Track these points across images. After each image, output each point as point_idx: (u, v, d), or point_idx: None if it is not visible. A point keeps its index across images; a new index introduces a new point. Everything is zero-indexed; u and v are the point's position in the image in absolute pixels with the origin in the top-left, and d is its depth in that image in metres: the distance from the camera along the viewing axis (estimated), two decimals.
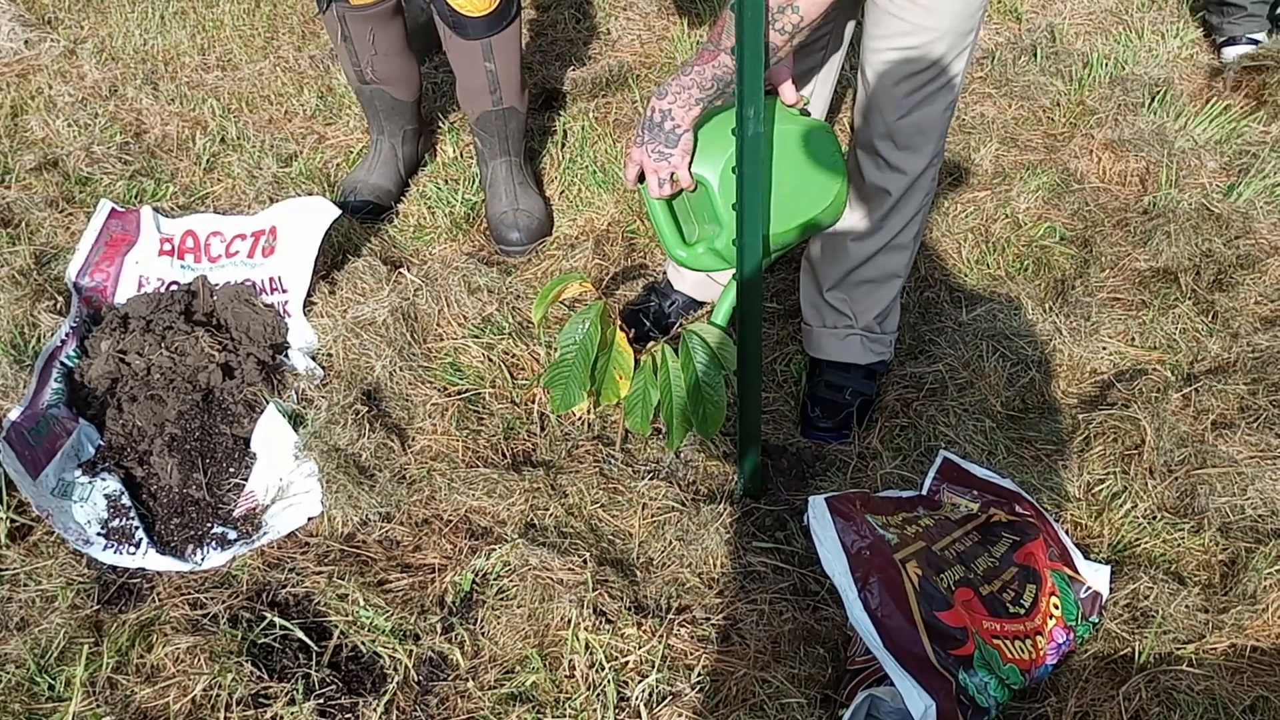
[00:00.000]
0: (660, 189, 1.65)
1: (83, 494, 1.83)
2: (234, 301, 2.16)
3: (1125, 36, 3.05)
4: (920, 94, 1.73)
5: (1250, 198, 2.44)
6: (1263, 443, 1.87)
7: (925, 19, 1.65)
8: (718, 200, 1.63)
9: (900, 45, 1.69)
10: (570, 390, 1.66)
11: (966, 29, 1.68)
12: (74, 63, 3.11)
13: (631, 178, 1.69)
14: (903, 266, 1.97)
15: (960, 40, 1.69)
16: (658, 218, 1.71)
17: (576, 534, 1.78)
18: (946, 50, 1.69)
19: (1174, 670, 1.55)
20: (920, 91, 1.73)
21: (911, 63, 1.70)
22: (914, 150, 1.80)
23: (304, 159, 2.69)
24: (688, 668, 1.60)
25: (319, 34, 3.25)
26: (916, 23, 1.66)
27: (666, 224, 1.71)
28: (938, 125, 1.79)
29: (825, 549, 1.48)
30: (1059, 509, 1.82)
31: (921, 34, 1.66)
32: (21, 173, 2.62)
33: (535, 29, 3.29)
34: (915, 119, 1.76)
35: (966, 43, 1.71)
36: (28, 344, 2.08)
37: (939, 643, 1.42)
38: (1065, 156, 2.64)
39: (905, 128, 1.77)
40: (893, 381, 2.09)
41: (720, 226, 1.65)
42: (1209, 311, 2.18)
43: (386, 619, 1.66)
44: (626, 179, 1.70)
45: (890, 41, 1.70)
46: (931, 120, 1.77)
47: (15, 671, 1.57)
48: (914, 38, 1.67)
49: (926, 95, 1.73)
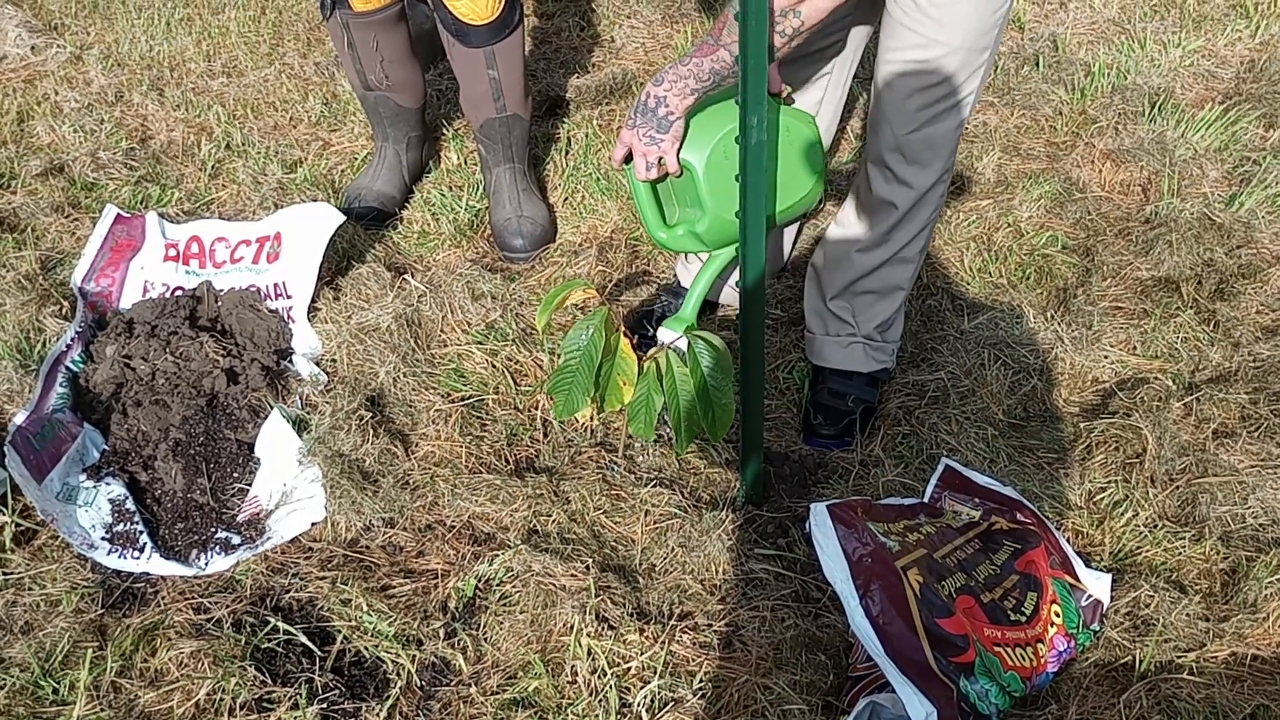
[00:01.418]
0: (647, 172, 1.68)
1: (87, 498, 1.84)
2: (239, 307, 2.16)
3: (1128, 46, 3.06)
4: (931, 110, 1.73)
5: (1252, 207, 2.45)
6: (1264, 452, 1.87)
7: (938, 32, 1.65)
8: (702, 185, 1.68)
9: (912, 58, 1.69)
10: (574, 396, 1.67)
11: (980, 46, 1.68)
12: (80, 68, 3.13)
13: (619, 158, 1.72)
14: (907, 280, 1.97)
15: (973, 58, 1.69)
16: (641, 199, 1.75)
17: (579, 540, 1.78)
18: (958, 67, 1.69)
19: (1175, 678, 1.55)
20: (931, 107, 1.73)
21: (922, 76, 1.70)
22: (923, 165, 1.80)
23: (309, 165, 2.70)
24: (690, 674, 1.60)
25: (324, 41, 3.26)
26: (929, 36, 1.66)
27: (649, 205, 1.76)
28: (947, 142, 1.79)
29: (827, 556, 1.49)
30: (1060, 517, 1.82)
31: (933, 48, 1.67)
32: (27, 178, 2.63)
33: (539, 36, 3.30)
34: (925, 134, 1.76)
35: (980, 61, 1.70)
36: (33, 349, 2.09)
37: (940, 650, 1.43)
38: (1067, 165, 2.65)
39: (914, 142, 1.77)
40: (895, 389, 2.10)
41: (702, 211, 1.71)
42: (1210, 321, 2.19)
43: (389, 624, 1.66)
44: (614, 158, 1.73)
45: (902, 54, 1.70)
46: (941, 136, 1.77)
47: (20, 675, 1.57)
48: (926, 51, 1.67)
49: (938, 111, 1.74)
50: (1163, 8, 3.27)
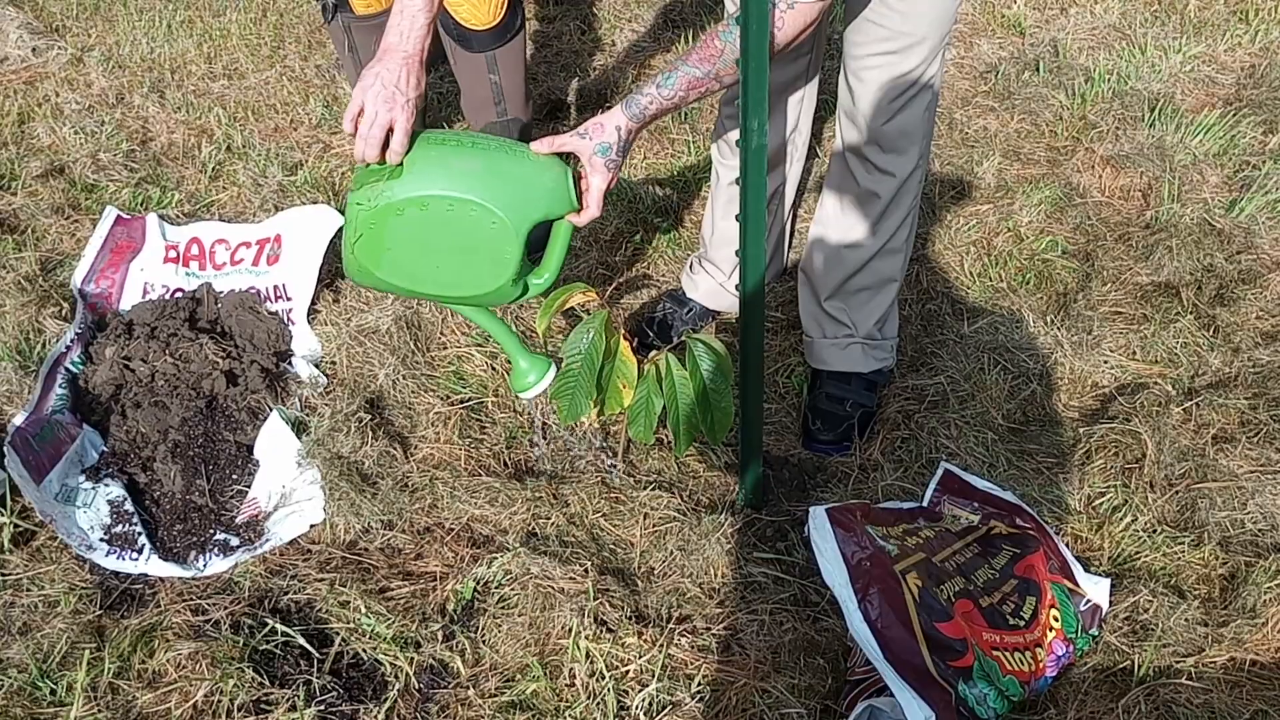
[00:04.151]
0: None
1: (86, 500, 1.84)
2: (238, 309, 2.17)
3: (1128, 51, 3.07)
4: (902, 99, 1.76)
5: (1252, 213, 2.45)
6: (1263, 457, 1.87)
7: (903, 24, 1.68)
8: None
9: (881, 50, 1.72)
10: (577, 400, 1.66)
11: (945, 32, 1.72)
12: (81, 70, 3.13)
13: None
14: (898, 270, 1.98)
15: (939, 43, 1.72)
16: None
17: (578, 543, 1.78)
18: (926, 55, 1.72)
19: (1173, 683, 1.55)
20: (901, 97, 1.76)
21: (891, 68, 1.73)
22: (900, 153, 1.82)
23: (309, 168, 2.70)
24: (688, 677, 1.60)
25: (325, 43, 3.26)
26: (895, 29, 1.69)
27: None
28: (921, 126, 1.81)
29: (825, 560, 1.48)
30: (1059, 522, 1.82)
31: (901, 39, 1.69)
32: (28, 179, 2.63)
33: (540, 41, 3.30)
34: (899, 122, 1.79)
35: (945, 43, 1.74)
36: (33, 350, 2.09)
37: (938, 654, 1.43)
38: (1067, 170, 2.65)
39: (890, 132, 1.80)
40: (894, 393, 2.10)
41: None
42: (1210, 326, 2.19)
43: (388, 626, 1.66)
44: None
45: (871, 48, 1.73)
46: (914, 122, 1.80)
47: (17, 676, 1.57)
48: (894, 43, 1.70)
49: (908, 99, 1.76)
50: (1163, 13, 3.27)
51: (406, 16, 1.55)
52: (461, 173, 1.54)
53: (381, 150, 1.54)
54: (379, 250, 1.58)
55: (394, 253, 1.58)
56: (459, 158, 1.56)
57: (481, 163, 1.55)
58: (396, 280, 1.63)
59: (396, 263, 1.60)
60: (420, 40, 1.56)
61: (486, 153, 1.57)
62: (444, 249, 1.58)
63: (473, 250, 1.58)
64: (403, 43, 1.56)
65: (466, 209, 1.54)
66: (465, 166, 1.55)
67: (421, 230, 1.56)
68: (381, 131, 1.53)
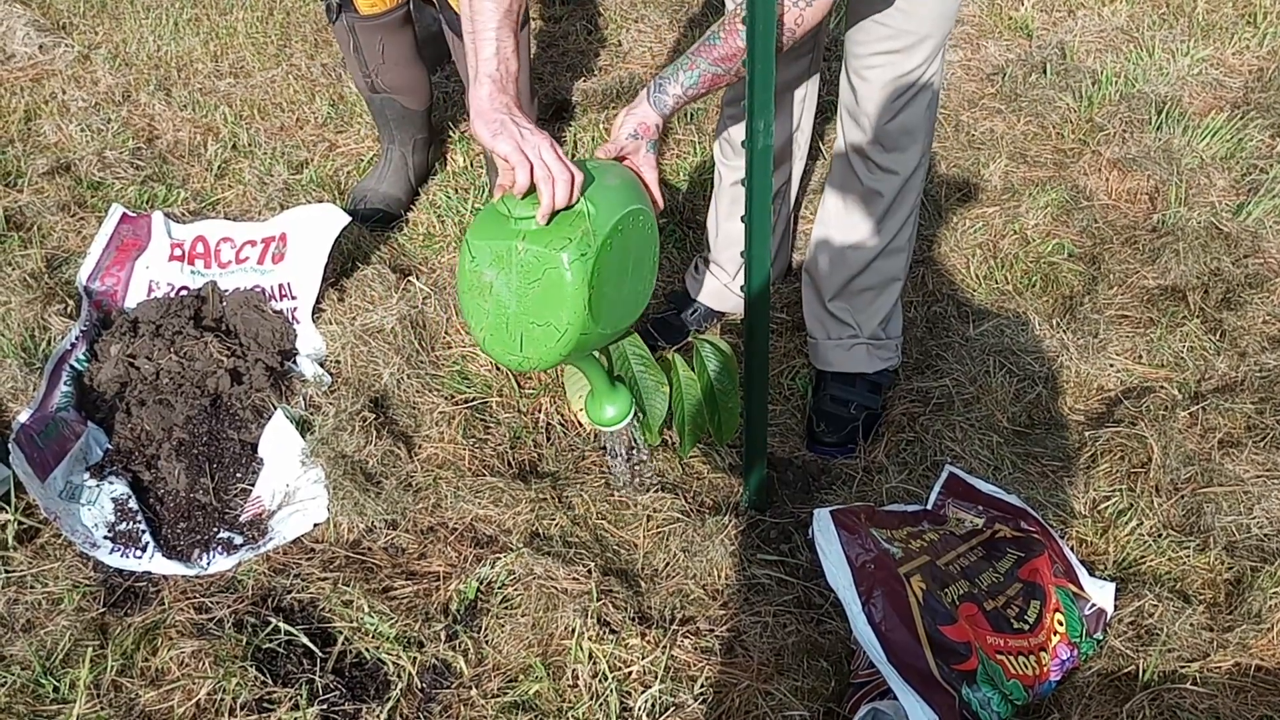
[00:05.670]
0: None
1: (90, 497, 1.84)
2: (243, 307, 2.17)
3: (1136, 54, 3.06)
4: (904, 97, 1.76)
5: (1260, 216, 2.44)
6: (1269, 462, 1.87)
7: (906, 23, 1.68)
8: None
9: (883, 49, 1.72)
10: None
11: (946, 30, 1.72)
12: (87, 68, 3.13)
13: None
14: (901, 270, 1.98)
15: (941, 41, 1.73)
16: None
17: (581, 544, 1.78)
18: (928, 54, 1.72)
19: (1178, 689, 1.54)
20: (904, 95, 1.76)
21: (895, 66, 1.73)
22: (903, 151, 1.83)
23: (315, 166, 2.71)
24: (691, 679, 1.60)
25: (331, 42, 3.26)
26: (898, 27, 1.69)
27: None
28: (923, 124, 1.81)
29: (829, 562, 1.48)
30: (1064, 525, 1.82)
31: (903, 37, 1.69)
32: (34, 176, 2.63)
33: (546, 40, 3.30)
34: (901, 121, 1.79)
35: (946, 40, 1.74)
36: (38, 347, 2.09)
37: (942, 657, 1.42)
38: (1074, 173, 2.64)
39: (893, 130, 1.80)
40: (899, 396, 2.09)
41: None
42: (1217, 330, 2.18)
43: (391, 626, 1.66)
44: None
45: (873, 47, 1.73)
46: (916, 120, 1.80)
47: (20, 673, 1.57)
48: (896, 41, 1.70)
49: (911, 97, 1.76)
50: (1171, 16, 3.26)
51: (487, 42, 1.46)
52: (611, 186, 1.42)
53: None
54: (598, 298, 1.38)
55: (600, 292, 1.38)
56: (591, 173, 1.43)
57: (598, 172, 1.43)
58: (608, 327, 1.44)
59: (603, 307, 1.40)
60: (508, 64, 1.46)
61: (585, 164, 1.46)
62: (624, 270, 1.44)
63: (640, 261, 1.48)
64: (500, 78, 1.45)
65: (636, 219, 1.43)
66: (601, 179, 1.42)
67: (618, 258, 1.40)
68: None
